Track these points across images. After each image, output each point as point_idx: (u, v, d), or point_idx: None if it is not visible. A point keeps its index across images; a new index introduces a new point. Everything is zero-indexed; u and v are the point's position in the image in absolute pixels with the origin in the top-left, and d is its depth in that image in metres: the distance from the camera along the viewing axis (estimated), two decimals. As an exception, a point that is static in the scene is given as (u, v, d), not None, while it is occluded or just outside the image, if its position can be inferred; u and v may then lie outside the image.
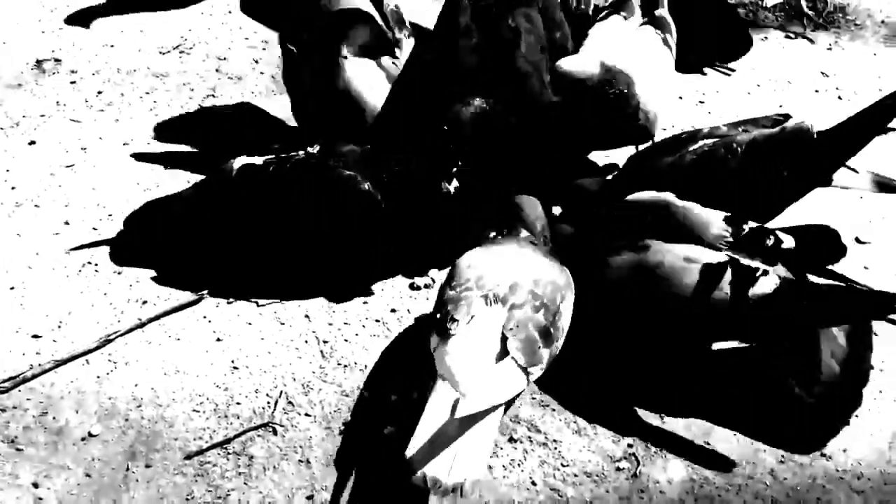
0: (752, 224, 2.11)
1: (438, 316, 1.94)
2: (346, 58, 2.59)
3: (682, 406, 2.11)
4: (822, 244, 2.20)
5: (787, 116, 2.37)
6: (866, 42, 3.24)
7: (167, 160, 2.67)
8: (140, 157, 2.67)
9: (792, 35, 3.22)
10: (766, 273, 1.99)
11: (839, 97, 3.00)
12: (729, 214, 2.12)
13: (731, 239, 2.08)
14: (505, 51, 2.50)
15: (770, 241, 2.08)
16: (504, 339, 1.87)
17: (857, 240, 2.50)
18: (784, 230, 2.13)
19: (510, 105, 2.48)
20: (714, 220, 2.12)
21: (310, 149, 2.34)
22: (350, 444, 2.02)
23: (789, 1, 3.36)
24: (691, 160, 2.28)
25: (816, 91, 3.01)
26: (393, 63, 2.61)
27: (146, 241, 2.44)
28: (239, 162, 2.33)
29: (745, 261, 2.02)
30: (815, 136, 2.24)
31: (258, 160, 2.33)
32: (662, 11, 2.74)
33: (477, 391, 1.79)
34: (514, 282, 1.96)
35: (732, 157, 2.26)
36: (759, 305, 1.98)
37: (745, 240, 2.09)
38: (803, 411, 2.08)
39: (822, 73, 3.08)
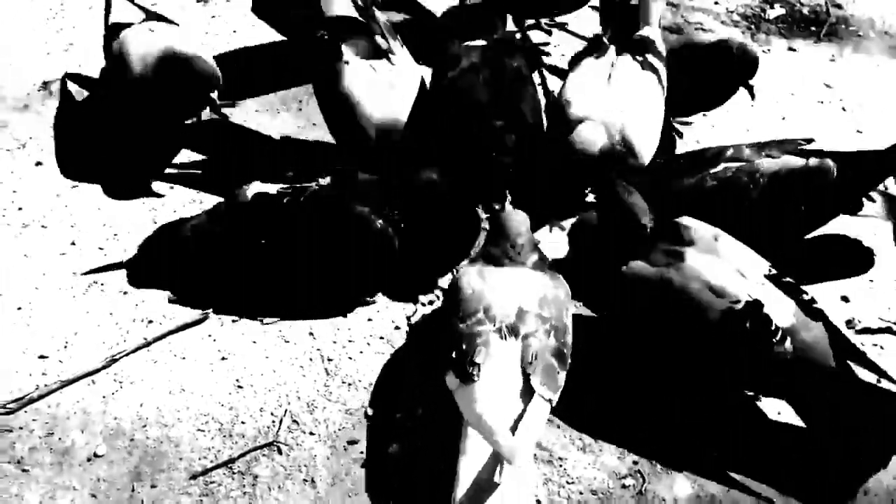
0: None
1: (455, 355, 1.90)
2: (347, 63, 2.60)
3: (688, 423, 2.10)
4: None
5: (809, 141, 2.38)
6: (869, 53, 3.23)
7: (173, 180, 2.68)
8: (146, 176, 2.68)
9: (794, 47, 3.22)
10: (783, 338, 1.96)
11: (843, 108, 2.99)
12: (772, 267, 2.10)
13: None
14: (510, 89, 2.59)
15: (807, 297, 2.06)
16: (527, 375, 1.86)
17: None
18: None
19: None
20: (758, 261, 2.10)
21: (321, 180, 2.32)
22: (355, 463, 2.02)
23: (792, 13, 3.37)
24: (712, 186, 2.28)
25: (820, 102, 3.01)
26: (389, 70, 2.61)
27: (152, 261, 2.45)
28: (252, 190, 2.32)
29: (769, 309, 1.98)
30: (836, 175, 2.26)
31: (272, 189, 2.32)
32: (644, 31, 2.67)
33: (519, 450, 1.76)
34: (520, 307, 1.95)
35: (754, 186, 2.26)
36: (770, 369, 1.97)
37: (783, 286, 2.06)
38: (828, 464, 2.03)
39: (826, 85, 3.07)
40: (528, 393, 1.85)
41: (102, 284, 2.40)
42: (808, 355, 1.96)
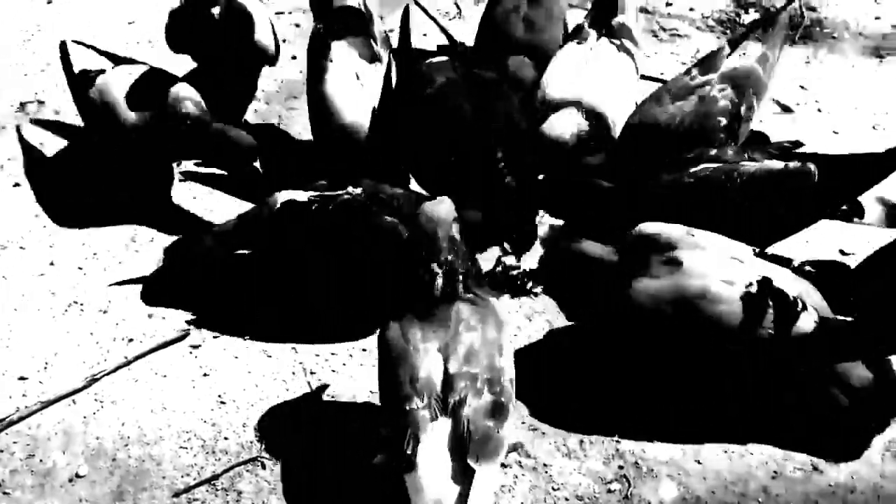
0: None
1: (387, 437, 1.81)
2: (331, 61, 2.60)
3: (673, 425, 2.10)
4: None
5: (797, 143, 2.37)
6: (844, 55, 3.26)
7: (153, 198, 2.68)
8: (124, 196, 2.67)
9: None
10: (804, 307, 1.98)
11: (818, 110, 3.01)
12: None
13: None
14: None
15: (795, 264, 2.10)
16: (462, 453, 1.75)
17: (842, 251, 2.51)
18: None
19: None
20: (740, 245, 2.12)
21: (352, 189, 2.29)
22: (339, 476, 2.01)
23: (766, 17, 3.39)
24: (688, 183, 2.28)
25: (796, 104, 3.03)
26: (372, 76, 2.61)
27: (131, 279, 2.44)
28: (283, 197, 2.31)
29: (778, 284, 2.00)
30: (817, 179, 2.25)
31: (302, 196, 2.30)
32: (621, 18, 2.77)
33: None
34: (446, 370, 1.82)
35: (731, 185, 2.26)
36: (801, 343, 1.98)
37: (771, 259, 2.10)
38: (843, 417, 2.06)
39: (801, 87, 3.09)
40: (468, 472, 1.74)
41: (82, 304, 2.38)
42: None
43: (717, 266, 2.03)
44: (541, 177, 2.57)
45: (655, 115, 2.52)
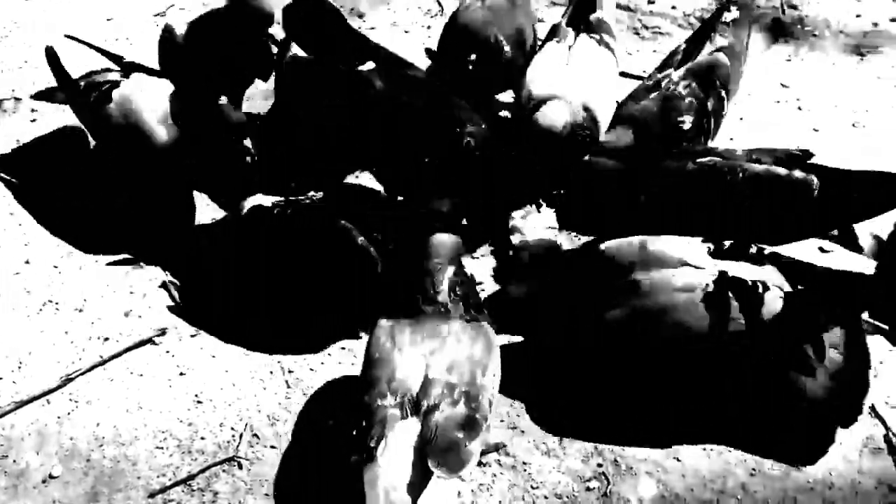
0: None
1: (355, 432, 1.79)
2: (293, 56, 2.54)
3: (652, 424, 2.09)
4: None
5: (805, 153, 2.32)
6: (825, 52, 3.26)
7: (128, 194, 2.65)
8: (98, 193, 2.64)
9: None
10: (766, 287, 1.98)
11: (799, 108, 3.01)
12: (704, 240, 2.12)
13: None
14: None
15: (753, 250, 2.09)
16: (425, 456, 1.73)
17: (821, 249, 2.51)
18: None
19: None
20: (693, 242, 2.12)
21: (313, 194, 2.30)
22: (317, 476, 1.99)
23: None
24: (692, 169, 2.27)
25: (777, 102, 3.03)
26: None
27: (107, 277, 2.42)
28: (251, 202, 2.31)
29: (734, 273, 2.01)
30: (816, 193, 2.22)
31: (268, 202, 2.30)
32: (599, 13, 2.78)
33: None
34: (426, 376, 1.82)
35: (732, 178, 2.24)
36: (773, 325, 1.97)
37: (727, 252, 2.09)
38: (810, 408, 2.05)
39: (782, 85, 3.09)
40: (428, 474, 1.73)
41: (57, 303, 2.36)
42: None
43: (674, 278, 2.03)
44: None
45: (625, 113, 2.53)
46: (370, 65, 2.55)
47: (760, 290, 1.99)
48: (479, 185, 2.47)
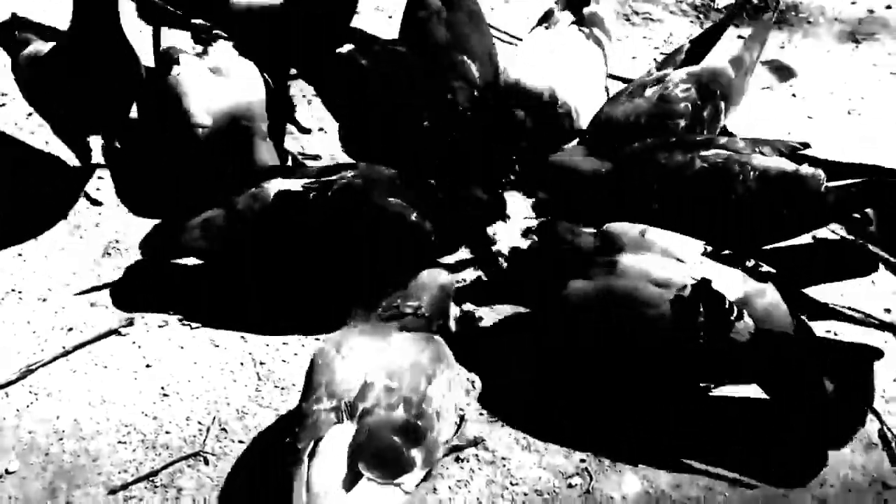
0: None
1: (288, 438, 1.72)
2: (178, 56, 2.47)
3: (637, 418, 2.01)
4: None
5: (805, 145, 2.28)
6: (819, 39, 3.19)
7: (95, 183, 2.57)
8: (66, 181, 2.55)
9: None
10: (740, 315, 1.88)
11: (793, 95, 2.94)
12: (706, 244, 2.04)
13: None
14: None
15: (750, 263, 2.00)
16: (353, 460, 1.65)
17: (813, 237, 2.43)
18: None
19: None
20: (694, 244, 2.04)
21: (346, 173, 2.19)
22: (286, 472, 1.90)
23: (741, 2, 3.31)
24: (702, 168, 2.19)
25: (771, 89, 2.95)
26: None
27: (73, 265, 2.33)
28: (275, 187, 2.18)
29: (717, 286, 1.91)
30: (823, 189, 2.17)
31: (296, 185, 2.17)
32: (594, 7, 2.74)
33: None
34: (364, 380, 1.74)
35: (744, 179, 2.17)
36: (733, 348, 1.88)
37: (724, 259, 2.00)
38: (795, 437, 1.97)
39: (776, 71, 3.01)
40: (357, 478, 1.64)
41: (20, 292, 2.27)
42: (768, 323, 1.89)
43: (654, 267, 1.95)
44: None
45: (613, 111, 2.45)
46: (348, 46, 2.49)
47: (734, 315, 1.88)
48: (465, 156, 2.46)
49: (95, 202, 2.48)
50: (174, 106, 2.39)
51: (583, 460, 1.94)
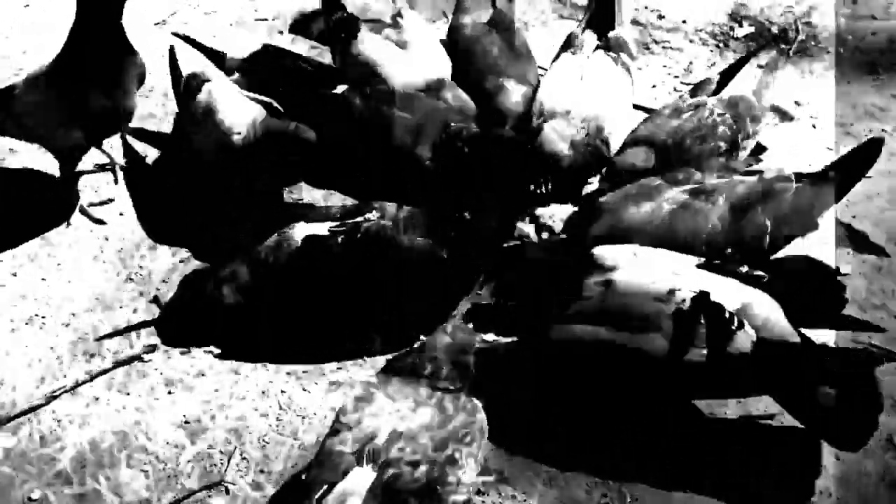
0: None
1: (304, 475, 1.74)
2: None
3: (658, 452, 2.00)
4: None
5: (760, 147, 2.36)
6: (840, 69, 3.19)
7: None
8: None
9: (763, 65, 3.17)
10: (741, 325, 1.88)
11: (813, 126, 2.93)
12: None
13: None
14: None
15: (744, 269, 2.01)
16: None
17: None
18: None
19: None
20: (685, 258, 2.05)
21: (369, 215, 2.19)
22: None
23: (760, 30, 3.32)
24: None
25: (790, 120, 2.95)
26: None
27: (96, 291, 2.34)
28: (301, 232, 2.17)
29: (716, 297, 1.91)
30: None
31: (321, 229, 2.17)
32: (618, 31, 2.76)
33: None
34: (393, 430, 1.73)
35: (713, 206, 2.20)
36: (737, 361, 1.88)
37: (717, 269, 2.01)
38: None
39: (796, 103, 3.01)
40: None
41: (43, 318, 2.28)
42: (767, 331, 1.89)
43: (651, 281, 1.95)
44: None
45: (652, 131, 2.49)
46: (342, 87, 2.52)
47: (734, 325, 1.88)
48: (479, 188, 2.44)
49: (98, 221, 2.50)
50: (206, 116, 2.46)
51: (605, 495, 1.94)
